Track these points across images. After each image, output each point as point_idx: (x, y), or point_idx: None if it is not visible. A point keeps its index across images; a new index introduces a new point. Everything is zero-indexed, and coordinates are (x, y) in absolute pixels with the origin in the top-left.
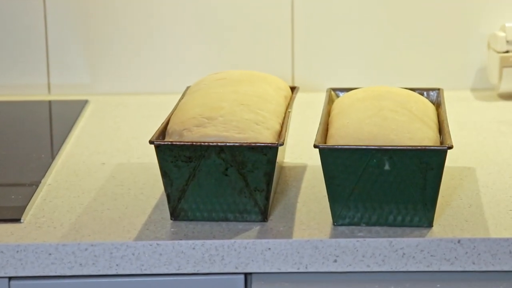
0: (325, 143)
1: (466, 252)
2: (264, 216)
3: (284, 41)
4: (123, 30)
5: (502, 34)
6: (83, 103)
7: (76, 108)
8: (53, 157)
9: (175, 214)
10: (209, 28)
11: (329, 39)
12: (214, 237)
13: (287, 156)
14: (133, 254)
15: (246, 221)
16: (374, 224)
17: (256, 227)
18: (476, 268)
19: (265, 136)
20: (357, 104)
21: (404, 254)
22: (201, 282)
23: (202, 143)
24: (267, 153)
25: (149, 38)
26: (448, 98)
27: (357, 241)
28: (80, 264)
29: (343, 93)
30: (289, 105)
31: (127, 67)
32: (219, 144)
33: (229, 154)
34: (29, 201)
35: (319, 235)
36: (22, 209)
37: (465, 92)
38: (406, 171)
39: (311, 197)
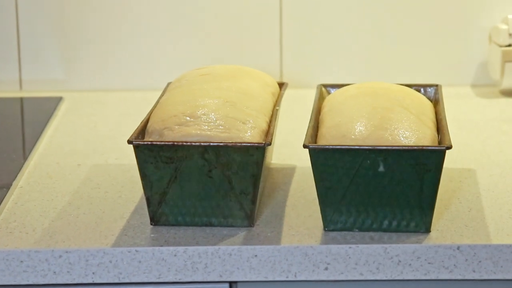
0: (316, 143)
1: (466, 260)
2: (250, 220)
3: (272, 34)
4: (99, 22)
5: (504, 26)
6: (57, 100)
7: (50, 105)
8: (25, 157)
9: (156, 219)
10: (192, 20)
11: (320, 31)
12: (197, 243)
13: (275, 157)
14: (111, 262)
15: (231, 226)
16: (367, 230)
17: (242, 233)
18: (477, 277)
19: (252, 136)
20: (350, 101)
21: (399, 261)
22: None
23: (184, 143)
24: (253, 154)
25: (127, 30)
26: (447, 95)
27: (350, 247)
28: (54, 272)
29: (334, 89)
30: (277, 103)
31: (104, 61)
32: (202, 144)
33: (213, 154)
34: None
35: (309, 241)
36: None
37: (465, 89)
38: (402, 172)
39: (300, 200)
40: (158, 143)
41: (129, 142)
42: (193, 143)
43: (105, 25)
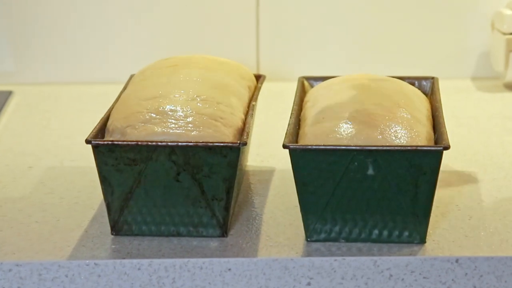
0: (297, 142)
1: (466, 274)
2: (223, 230)
3: (248, 21)
4: (52, 8)
5: (508, 12)
6: (6, 95)
7: None
8: None
9: (117, 228)
10: (158, 5)
11: (301, 17)
12: (163, 256)
13: (251, 158)
14: (67, 276)
15: (202, 236)
16: (355, 240)
17: (214, 244)
18: None
19: (225, 135)
20: (335, 96)
21: (391, 275)
22: None
23: (149, 143)
24: (227, 155)
25: (84, 17)
26: (444, 89)
27: (335, 260)
28: None
29: (318, 82)
30: (253, 97)
31: (58, 51)
32: (169, 144)
33: (182, 156)
34: None
35: (290, 253)
36: None
37: (464, 82)
38: (394, 176)
39: (280, 207)
40: (119, 143)
41: (87, 141)
42: (159, 143)
43: (59, 11)
